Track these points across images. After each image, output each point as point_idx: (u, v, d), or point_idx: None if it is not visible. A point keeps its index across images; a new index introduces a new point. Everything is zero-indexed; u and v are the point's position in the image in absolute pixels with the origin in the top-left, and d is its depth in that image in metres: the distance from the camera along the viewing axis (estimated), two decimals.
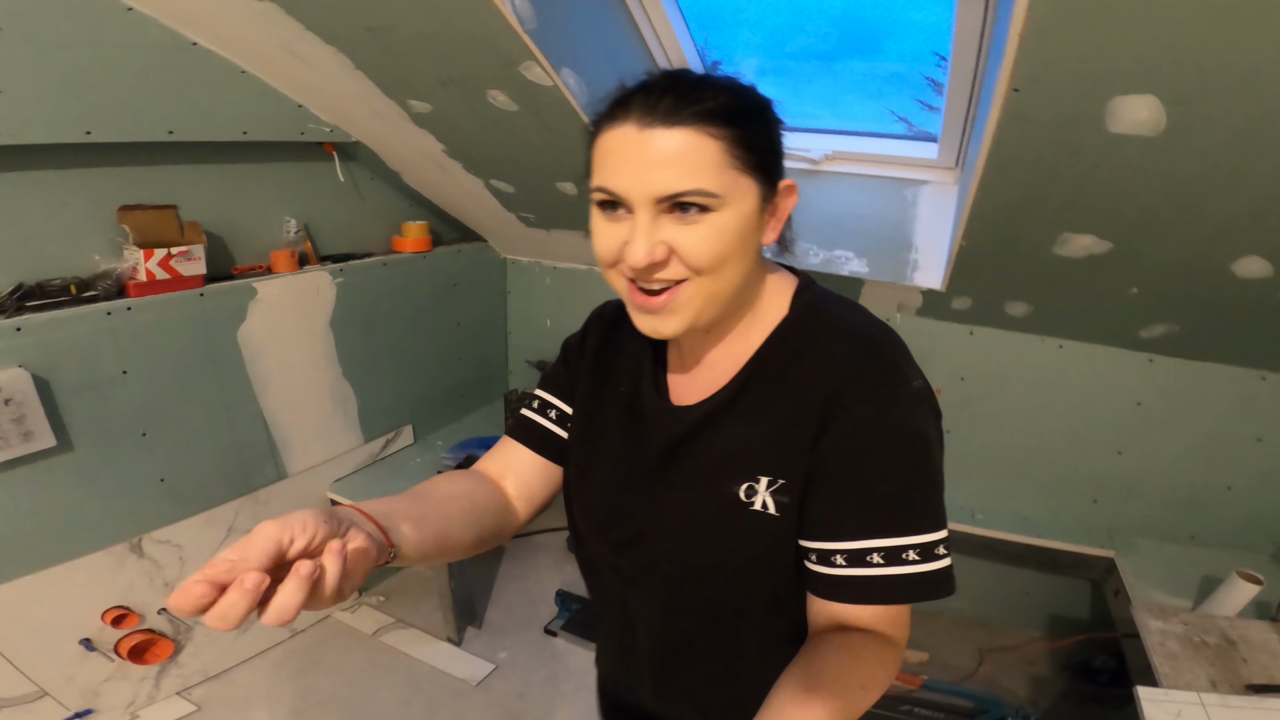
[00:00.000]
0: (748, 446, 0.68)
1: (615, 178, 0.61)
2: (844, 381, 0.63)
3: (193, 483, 1.84)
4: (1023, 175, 1.29)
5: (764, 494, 0.66)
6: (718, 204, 0.60)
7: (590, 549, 0.83)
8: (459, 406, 2.74)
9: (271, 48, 1.60)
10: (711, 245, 0.61)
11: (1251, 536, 1.97)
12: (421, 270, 2.39)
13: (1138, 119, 1.04)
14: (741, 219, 0.62)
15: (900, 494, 0.63)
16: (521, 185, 2.04)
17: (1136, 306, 1.67)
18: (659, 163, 0.59)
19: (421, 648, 2.23)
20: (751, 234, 0.64)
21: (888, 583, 0.62)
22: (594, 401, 0.84)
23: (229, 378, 1.88)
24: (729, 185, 0.60)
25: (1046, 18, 0.91)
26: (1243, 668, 1.26)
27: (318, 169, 2.08)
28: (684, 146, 0.58)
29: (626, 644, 0.84)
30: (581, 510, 0.81)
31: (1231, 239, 1.29)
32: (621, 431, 0.79)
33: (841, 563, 0.63)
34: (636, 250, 0.60)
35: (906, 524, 0.62)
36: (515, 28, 1.29)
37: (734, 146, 0.60)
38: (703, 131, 0.59)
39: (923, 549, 0.62)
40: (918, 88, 2.71)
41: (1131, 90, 1.00)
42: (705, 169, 0.59)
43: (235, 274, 1.88)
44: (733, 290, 0.65)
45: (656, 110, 0.59)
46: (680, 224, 0.60)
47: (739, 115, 0.61)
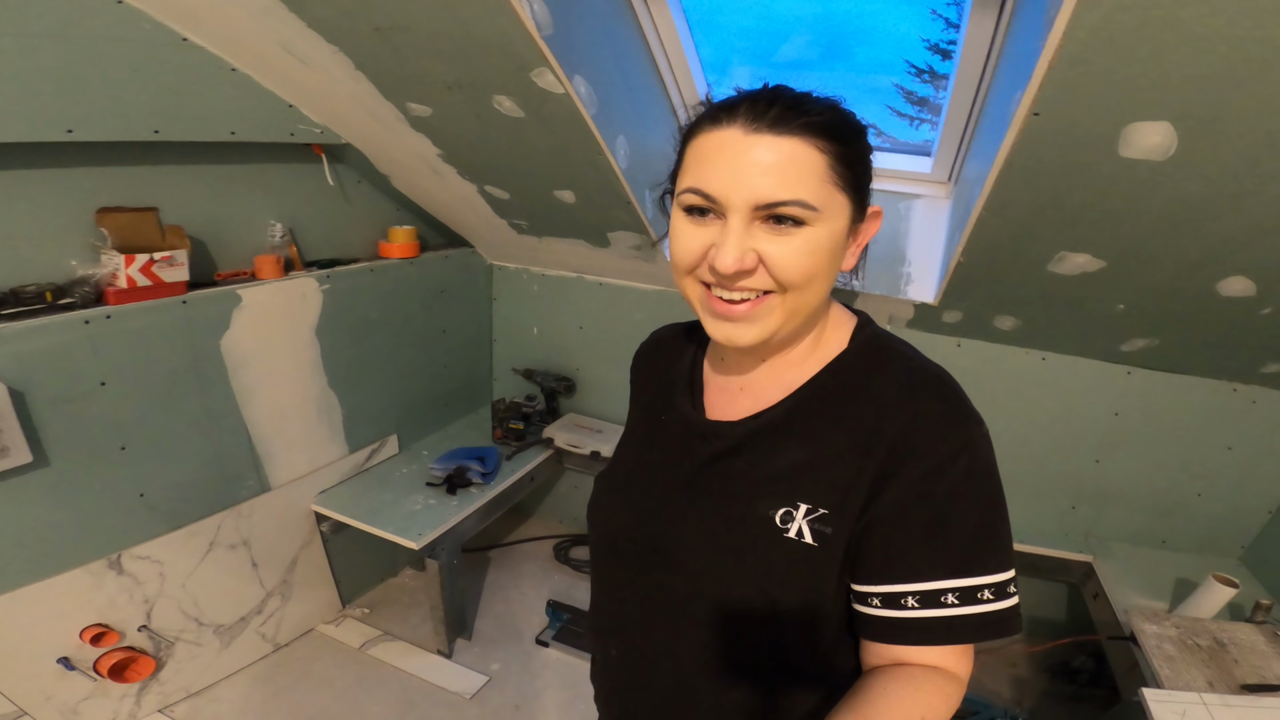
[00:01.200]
0: (791, 471, 0.66)
1: (714, 179, 0.60)
2: (914, 421, 0.62)
3: (173, 497, 1.77)
4: (1030, 196, 1.32)
5: (800, 521, 0.64)
6: (814, 218, 0.59)
7: (606, 565, 0.80)
8: (445, 415, 2.69)
9: (268, 45, 1.54)
10: (802, 260, 0.60)
11: (1221, 541, 2.07)
12: (408, 276, 2.34)
13: (1149, 144, 1.08)
14: (833, 237, 0.62)
15: (976, 533, 0.61)
16: (518, 192, 2.01)
17: (1121, 322, 1.73)
18: (762, 169, 0.58)
19: (411, 660, 2.18)
20: (838, 255, 0.64)
21: (962, 622, 0.61)
22: (636, 423, 0.85)
23: (212, 388, 1.80)
24: (827, 200, 0.60)
25: (1081, 45, 0.93)
26: (1235, 668, 1.32)
27: (305, 171, 2.01)
28: (790, 155, 0.58)
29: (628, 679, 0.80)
30: (602, 521, 0.80)
31: (1222, 260, 1.35)
32: (651, 444, 0.79)
33: (913, 605, 0.61)
34: (727, 254, 0.59)
35: (982, 563, 0.61)
36: (533, 33, 1.27)
37: (836, 162, 0.60)
38: (809, 143, 0.59)
39: (996, 588, 0.61)
40: (890, 96, 2.77)
41: (1148, 117, 1.03)
42: (807, 181, 0.58)
43: (219, 280, 1.81)
44: (812, 309, 0.65)
45: (764, 117, 0.58)
46: (773, 235, 0.60)
47: (843, 132, 0.61)
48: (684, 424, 0.74)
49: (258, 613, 2.05)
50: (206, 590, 1.88)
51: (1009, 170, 1.26)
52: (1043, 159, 1.20)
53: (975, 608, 0.61)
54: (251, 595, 2.03)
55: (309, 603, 2.24)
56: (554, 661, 2.23)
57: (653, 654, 0.74)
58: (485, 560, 2.76)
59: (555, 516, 3.08)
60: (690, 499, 0.71)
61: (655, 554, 0.72)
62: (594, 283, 2.54)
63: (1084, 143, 1.13)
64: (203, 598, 1.88)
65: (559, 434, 2.53)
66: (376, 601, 2.46)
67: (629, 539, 0.75)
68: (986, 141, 1.48)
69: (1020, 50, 1.17)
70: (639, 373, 0.88)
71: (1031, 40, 1.05)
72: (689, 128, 0.65)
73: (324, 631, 2.27)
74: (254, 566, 2.01)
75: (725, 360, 0.76)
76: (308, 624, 2.25)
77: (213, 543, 1.87)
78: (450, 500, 2.18)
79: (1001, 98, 1.30)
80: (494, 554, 2.80)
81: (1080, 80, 0.99)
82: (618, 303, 2.52)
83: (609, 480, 0.82)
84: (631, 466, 0.80)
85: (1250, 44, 0.85)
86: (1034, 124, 1.11)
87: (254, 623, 2.05)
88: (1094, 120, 1.07)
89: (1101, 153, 1.14)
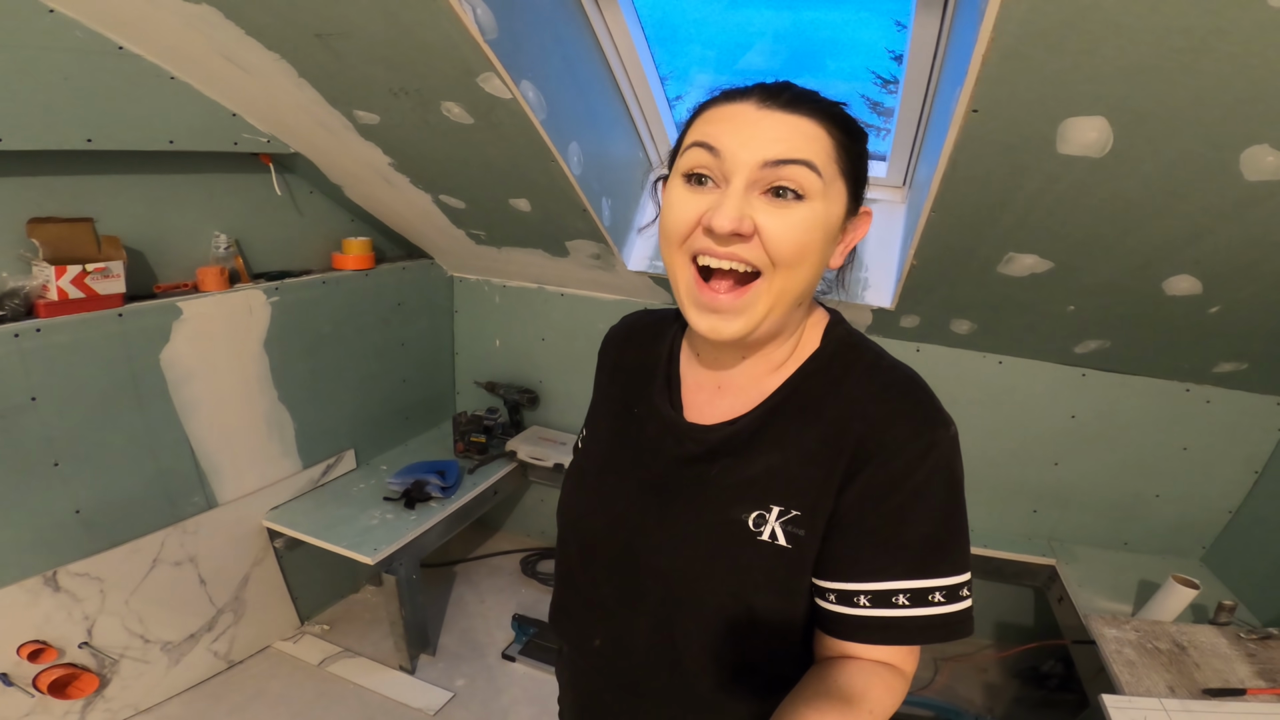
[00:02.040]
0: (765, 476, 0.66)
1: (723, 136, 0.59)
2: (882, 421, 0.62)
3: (112, 514, 1.71)
4: (975, 196, 1.33)
5: (773, 524, 0.64)
6: (815, 192, 0.59)
7: (578, 565, 0.78)
8: (404, 429, 2.64)
9: (207, 53, 1.51)
10: (798, 234, 0.59)
11: (1181, 541, 2.08)
12: (364, 288, 2.29)
13: (1086, 140, 1.09)
14: (829, 219, 0.61)
15: (933, 537, 0.62)
16: (473, 201, 1.99)
17: (1073, 323, 1.75)
18: (773, 134, 0.58)
19: (372, 677, 2.13)
20: (830, 243, 0.63)
21: (911, 624, 0.61)
22: (602, 416, 0.83)
23: (151, 403, 1.74)
24: (831, 177, 0.60)
25: (1012, 40, 0.93)
26: (1196, 672, 1.31)
27: (252, 181, 1.97)
28: (801, 128, 0.59)
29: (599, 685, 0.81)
30: (572, 522, 0.78)
31: (1166, 259, 1.36)
32: (623, 440, 0.77)
33: (865, 603, 0.62)
34: (725, 212, 0.58)
35: (936, 566, 0.62)
36: (476, 38, 1.25)
37: (839, 148, 0.61)
38: (819, 123, 0.60)
39: (949, 591, 0.62)
40: (856, 106, 2.81)
41: (1083, 111, 1.04)
42: (819, 151, 0.59)
43: (158, 292, 1.75)
44: (797, 297, 0.63)
45: (778, 98, 0.60)
46: (771, 206, 0.59)
47: (850, 125, 0.62)
48: (660, 423, 0.73)
49: (208, 630, 2.00)
50: (151, 607, 1.83)
51: (953, 170, 1.26)
52: (984, 158, 1.20)
53: (926, 610, 0.61)
54: (201, 612, 1.98)
55: (264, 619, 2.18)
56: (521, 676, 2.19)
57: (635, 649, 0.74)
58: (451, 575, 2.72)
59: (523, 530, 3.03)
60: (664, 504, 0.70)
61: (629, 557, 0.71)
62: (555, 293, 2.51)
63: (1023, 140, 1.13)
64: (148, 615, 1.83)
65: (522, 447, 2.49)
66: (337, 618, 2.40)
67: (602, 542, 0.74)
68: (934, 143, 1.49)
69: (959, 47, 1.17)
70: (608, 357, 0.86)
71: (968, 36, 1.05)
72: (697, 107, 0.65)
73: (281, 648, 2.21)
74: (202, 583, 1.95)
75: (703, 355, 0.74)
76: (263, 641, 2.19)
77: (156, 559, 1.82)
78: (408, 515, 2.13)
79: (946, 97, 1.31)
80: (460, 569, 2.76)
81: (1015, 74, 0.99)
82: (580, 313, 2.50)
83: (578, 478, 0.81)
84: (602, 464, 0.79)
85: (1175, 34, 0.85)
86: (974, 121, 1.11)
87: (205, 640, 1.99)
88: (1031, 116, 1.07)
89: (1041, 150, 1.14)
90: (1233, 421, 1.91)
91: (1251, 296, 1.42)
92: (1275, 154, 1.00)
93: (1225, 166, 1.06)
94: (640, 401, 0.77)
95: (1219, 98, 0.93)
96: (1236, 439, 1.93)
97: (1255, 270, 1.33)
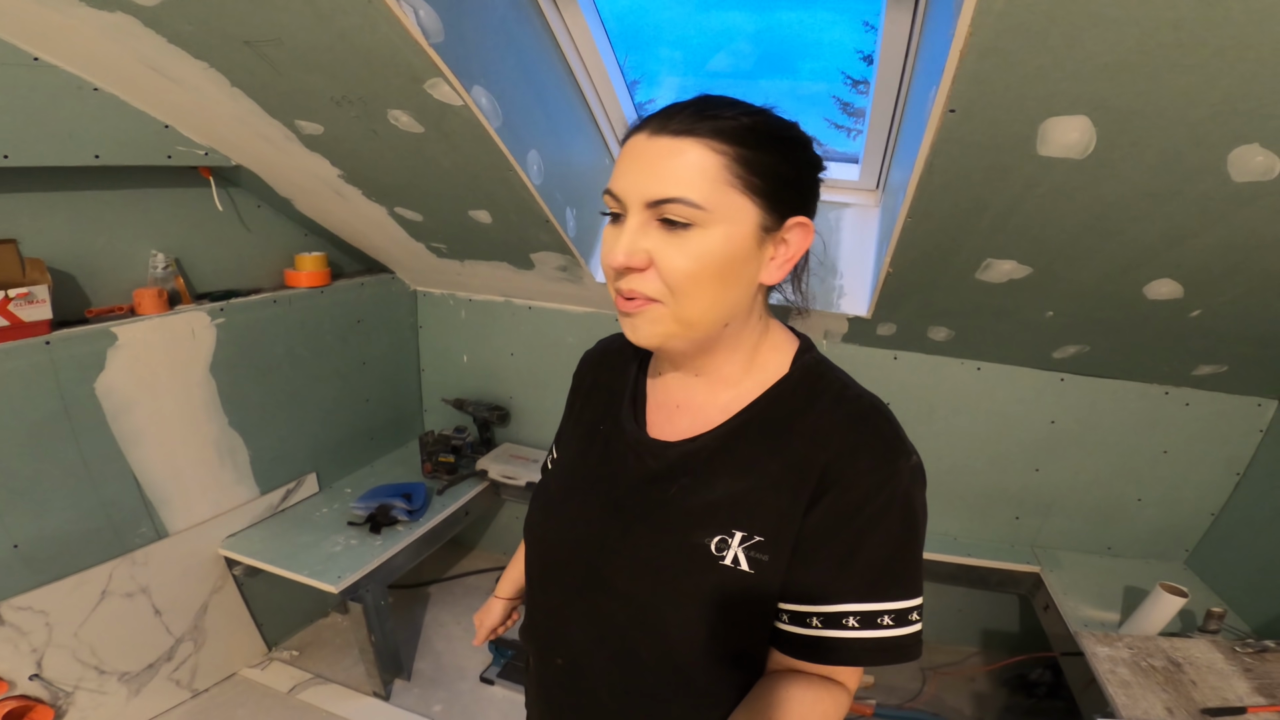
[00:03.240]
0: (728, 501, 0.66)
1: (618, 180, 0.61)
2: (847, 451, 0.63)
3: (53, 547, 1.61)
4: (952, 201, 1.27)
5: (736, 549, 0.64)
6: (704, 219, 0.58)
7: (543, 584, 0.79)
8: (369, 450, 2.53)
9: (130, 64, 1.40)
10: (688, 262, 0.59)
11: (1164, 545, 2.05)
12: (319, 306, 2.18)
13: (1068, 141, 1.03)
14: (730, 242, 0.60)
15: (886, 563, 0.63)
16: (430, 213, 1.89)
17: (1051, 329, 1.70)
18: (654, 168, 0.59)
19: (346, 704, 2.04)
20: (741, 263, 0.61)
21: (859, 645, 0.62)
22: (571, 439, 0.83)
23: (88, 434, 1.63)
24: (721, 202, 0.58)
25: (990, 35, 0.87)
26: (1194, 690, 1.26)
27: (191, 196, 1.85)
28: (681, 155, 0.58)
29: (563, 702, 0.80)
30: (537, 540, 0.78)
31: (1147, 263, 1.31)
32: (587, 458, 0.77)
33: (817, 624, 0.63)
34: (616, 250, 0.60)
35: (887, 590, 0.63)
36: (420, 41, 1.17)
37: (736, 164, 0.58)
38: (706, 145, 0.58)
39: (897, 615, 0.63)
40: (827, 107, 2.76)
41: (1065, 111, 0.98)
42: (697, 181, 0.58)
43: (90, 317, 1.63)
44: (709, 320, 0.63)
45: (671, 122, 0.59)
46: (665, 235, 0.60)
47: (753, 137, 0.59)
48: (624, 439, 0.74)
49: (168, 659, 1.91)
50: (104, 639, 1.74)
51: (929, 174, 1.20)
52: (961, 161, 1.14)
53: (874, 632, 0.62)
54: (158, 642, 1.89)
55: (228, 647, 2.09)
56: (500, 700, 2.12)
57: (597, 669, 0.74)
58: (424, 596, 2.63)
59: (498, 548, 2.94)
60: (626, 525, 0.70)
61: (593, 577, 0.71)
62: (523, 306, 2.42)
63: (1002, 141, 1.07)
64: (101, 646, 1.74)
65: (493, 465, 2.40)
66: (306, 643, 2.31)
67: (566, 560, 0.74)
68: (908, 145, 1.43)
69: (933, 44, 1.11)
70: (583, 380, 0.87)
71: (943, 32, 0.99)
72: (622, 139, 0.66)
73: (248, 676, 2.12)
74: (157, 614, 1.86)
75: (663, 376, 0.75)
76: (228, 668, 2.10)
77: (105, 591, 1.73)
78: (374, 540, 2.04)
79: (919, 97, 1.25)
80: (433, 589, 2.68)
81: (993, 72, 0.93)
82: (549, 327, 2.41)
83: (544, 496, 0.81)
84: (567, 484, 0.79)
85: (1164, 27, 0.79)
86: (950, 122, 1.05)
87: (165, 669, 1.91)
88: (1011, 116, 1.01)
89: (1020, 151, 1.08)
90: (1213, 423, 1.88)
91: (1233, 300, 1.38)
92: (1265, 153, 0.95)
93: (1212, 167, 1.01)
94: (607, 420, 0.77)
95: (1207, 95, 0.87)
96: (1217, 441, 1.90)
97: (1238, 274, 1.29)
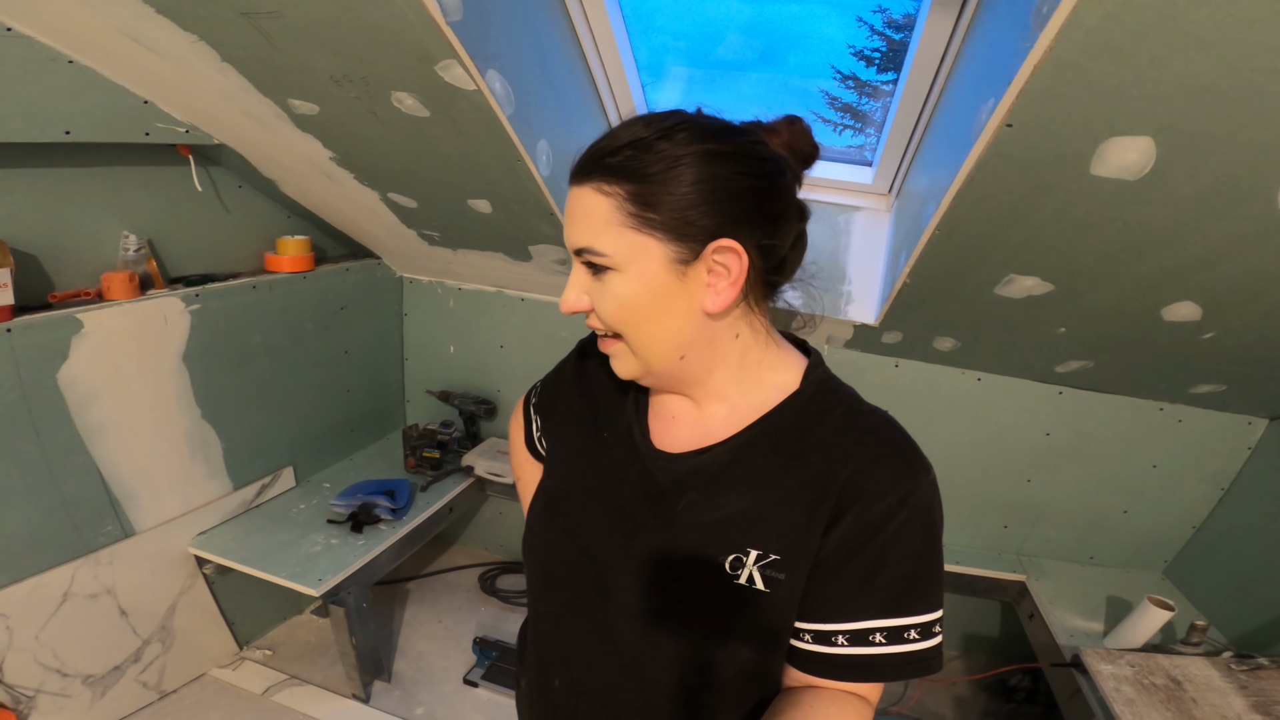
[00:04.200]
0: (740, 518, 0.65)
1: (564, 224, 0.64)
2: (864, 467, 0.62)
3: (11, 548, 1.51)
4: (986, 214, 1.23)
5: (751, 568, 0.63)
6: (613, 263, 0.60)
7: (543, 597, 0.77)
8: (349, 443, 2.43)
9: (111, 35, 1.27)
10: (609, 306, 0.62)
11: (1145, 556, 2.10)
12: (301, 292, 2.06)
13: (1125, 162, 1.00)
14: (644, 282, 0.60)
15: (910, 577, 0.62)
16: (427, 200, 1.79)
17: (1060, 344, 1.70)
18: (572, 216, 0.62)
19: (323, 707, 1.97)
20: (666, 297, 0.61)
21: (886, 661, 0.62)
22: (570, 436, 0.81)
23: (49, 428, 1.51)
24: (618, 245, 0.59)
25: (1075, 47, 0.82)
26: (1195, 709, 1.27)
27: (168, 175, 1.71)
28: (583, 202, 0.60)
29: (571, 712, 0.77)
30: (536, 550, 0.76)
31: (1172, 285, 1.30)
32: (592, 469, 0.75)
33: (843, 642, 0.63)
34: (564, 297, 0.64)
35: (911, 604, 0.62)
36: (437, 19, 1.07)
37: (627, 204, 0.58)
38: (596, 189, 0.59)
39: (923, 628, 0.63)
40: (813, 101, 2.73)
41: (1130, 131, 0.94)
42: (595, 227, 0.59)
43: (54, 302, 1.50)
44: (658, 354, 0.64)
45: (577, 167, 0.61)
46: (594, 282, 0.63)
47: (642, 170, 0.58)
48: (627, 447, 0.72)
49: (134, 661, 1.82)
50: (66, 641, 1.65)
51: (969, 188, 1.16)
52: (1005, 175, 1.10)
53: (901, 647, 0.62)
54: (124, 644, 1.79)
55: (197, 647, 2.00)
56: (484, 703, 2.07)
57: (599, 689, 0.73)
58: (404, 593, 2.55)
59: (480, 544, 2.87)
60: (632, 537, 0.68)
61: (599, 591, 0.70)
62: (515, 298, 2.33)
63: (1055, 158, 1.03)
64: (63, 649, 1.64)
65: (479, 461, 2.32)
66: (280, 642, 2.22)
67: (568, 568, 0.72)
68: (937, 154, 1.39)
69: (992, 54, 1.07)
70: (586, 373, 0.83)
71: (1008, 42, 0.94)
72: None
73: (219, 676, 2.03)
74: (123, 615, 1.76)
75: (655, 389, 0.74)
76: (198, 669, 2.01)
77: (67, 593, 1.63)
78: (355, 539, 1.96)
79: (963, 106, 1.20)
80: (413, 586, 2.60)
81: (1065, 88, 0.89)
82: (542, 319, 2.33)
83: (544, 503, 0.78)
84: (569, 489, 0.76)
85: (1262, 52, 0.76)
86: (1004, 136, 1.01)
87: (131, 671, 1.81)
88: (1071, 134, 0.98)
89: (1071, 170, 1.05)
90: (1203, 439, 1.91)
91: (1248, 324, 1.38)
92: None
93: (1261, 193, 0.99)
94: (610, 425, 0.76)
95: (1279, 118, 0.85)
96: (1205, 456, 1.93)
97: (1257, 300, 1.29)
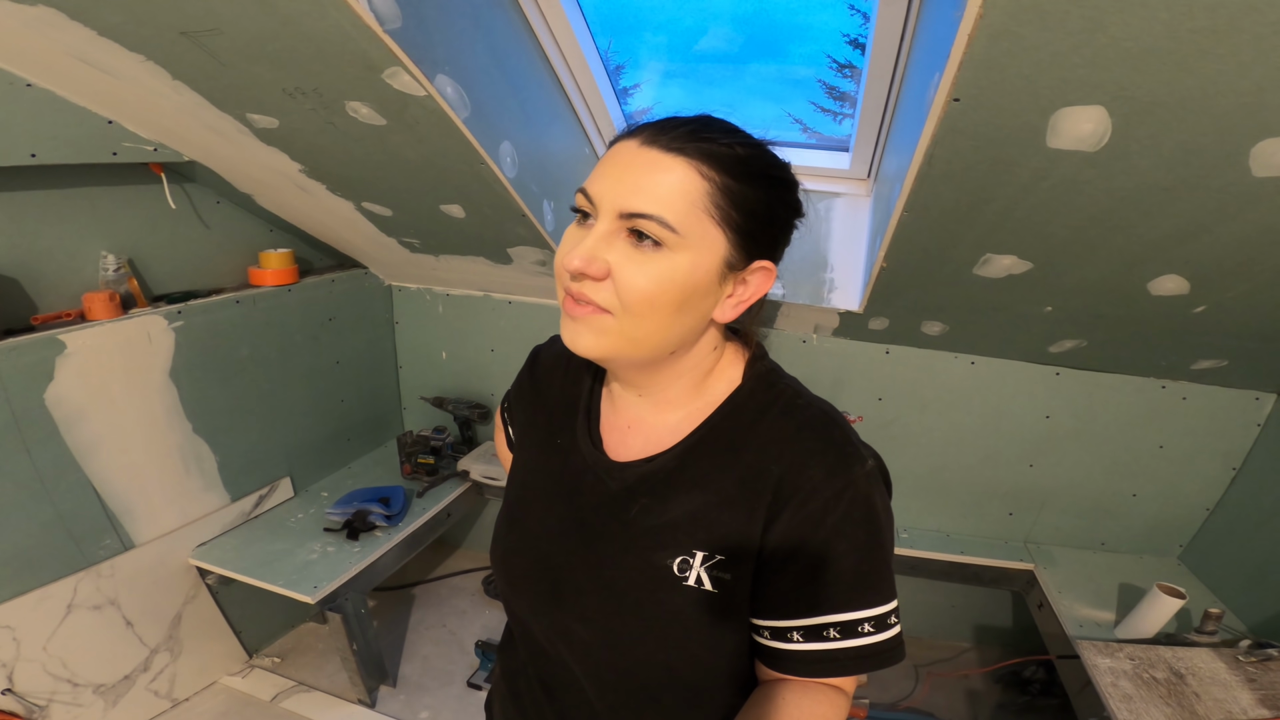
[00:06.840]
0: (685, 521, 0.65)
1: (596, 182, 0.59)
2: (799, 462, 0.62)
3: (11, 563, 1.54)
4: (952, 194, 1.19)
5: (698, 569, 0.64)
6: (674, 242, 0.57)
7: (509, 603, 0.79)
8: (346, 452, 2.45)
9: (61, 58, 1.29)
10: (646, 283, 0.57)
11: (1158, 541, 2.02)
12: (287, 305, 2.08)
13: (1081, 133, 0.96)
14: (694, 271, 0.58)
15: (855, 571, 0.62)
16: (400, 208, 1.79)
17: (1049, 323, 1.64)
18: (637, 179, 0.57)
19: (330, 712, 2.00)
20: (700, 295, 0.60)
21: (844, 655, 0.63)
22: (529, 445, 0.81)
23: (40, 447, 1.54)
24: (694, 228, 0.57)
25: (1003, 17, 0.79)
26: (1197, 704, 1.22)
27: (143, 194, 1.74)
28: (667, 172, 0.56)
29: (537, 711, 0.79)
30: (499, 559, 0.77)
31: (1154, 258, 1.25)
32: (547, 478, 0.76)
33: (798, 638, 0.63)
34: (577, 251, 0.58)
35: (861, 598, 0.62)
36: (373, 28, 1.07)
37: (718, 194, 0.57)
38: (693, 166, 0.57)
39: (876, 620, 0.63)
40: (814, 91, 2.68)
41: (1080, 100, 0.90)
42: (676, 202, 0.56)
43: (36, 325, 1.53)
44: (654, 344, 0.62)
45: (664, 135, 0.58)
46: (631, 250, 0.58)
47: (743, 169, 0.58)
48: (581, 458, 0.72)
49: (144, 670, 1.85)
50: (74, 651, 1.68)
51: (929, 166, 1.12)
52: (964, 153, 1.06)
53: (856, 640, 0.62)
54: (132, 654, 1.82)
55: (206, 655, 2.03)
56: None
57: (562, 691, 0.75)
58: (408, 598, 2.57)
59: (483, 548, 2.88)
60: (587, 545, 0.69)
61: (556, 598, 0.71)
62: (503, 301, 2.33)
63: (1009, 133, 0.99)
64: (72, 659, 1.68)
65: (475, 465, 2.33)
66: (288, 649, 2.25)
67: (529, 580, 0.73)
68: (904, 134, 1.35)
69: (936, 28, 1.03)
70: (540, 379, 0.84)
71: (947, 15, 0.90)
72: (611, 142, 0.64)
73: (229, 684, 2.06)
74: (128, 625, 1.80)
75: (614, 393, 0.74)
76: (209, 677, 2.04)
77: (71, 605, 1.66)
78: (351, 547, 1.97)
79: (917, 84, 1.17)
80: (418, 591, 2.61)
81: (1004, 58, 0.85)
82: (530, 322, 2.33)
83: (506, 513, 0.80)
84: (527, 498, 0.78)
85: (1199, 12, 0.72)
86: (954, 111, 0.97)
87: (142, 680, 1.85)
88: (1020, 106, 0.93)
89: (1028, 144, 1.00)
90: (1210, 418, 1.84)
91: (1239, 297, 1.32)
92: None
93: (1233, 161, 0.94)
94: (563, 433, 0.76)
95: (1236, 85, 0.80)
96: (1214, 435, 1.86)
97: (1248, 270, 1.23)
